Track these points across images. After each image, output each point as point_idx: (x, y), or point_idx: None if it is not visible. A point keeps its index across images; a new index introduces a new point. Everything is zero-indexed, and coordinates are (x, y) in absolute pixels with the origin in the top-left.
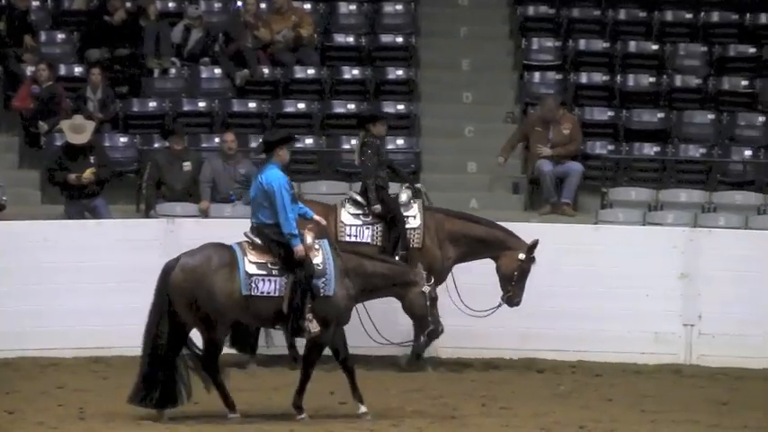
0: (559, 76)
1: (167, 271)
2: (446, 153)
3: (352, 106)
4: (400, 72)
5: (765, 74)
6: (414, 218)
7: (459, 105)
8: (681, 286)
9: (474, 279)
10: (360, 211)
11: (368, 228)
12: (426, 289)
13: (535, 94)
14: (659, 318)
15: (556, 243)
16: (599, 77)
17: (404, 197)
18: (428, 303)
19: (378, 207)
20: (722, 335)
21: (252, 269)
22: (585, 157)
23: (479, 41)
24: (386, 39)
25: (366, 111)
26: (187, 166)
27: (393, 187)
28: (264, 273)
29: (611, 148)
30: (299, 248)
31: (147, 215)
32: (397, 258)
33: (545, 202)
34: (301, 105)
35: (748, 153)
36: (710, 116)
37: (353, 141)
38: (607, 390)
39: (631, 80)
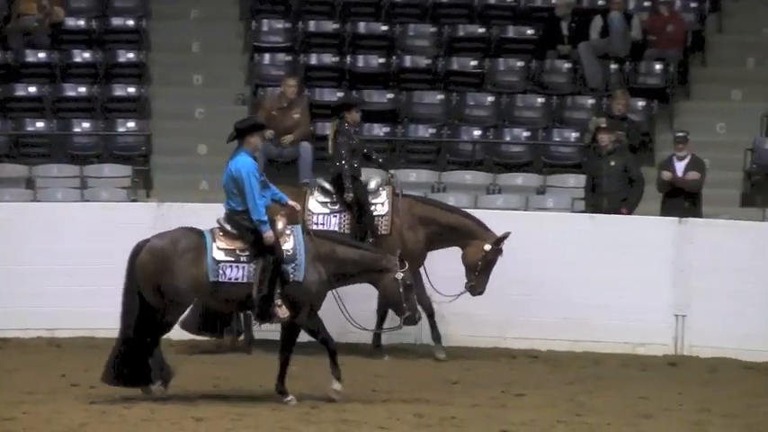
0: (289, 58)
1: (136, 252)
2: (177, 135)
3: (83, 89)
4: (131, 55)
5: (493, 54)
6: (382, 205)
7: (190, 88)
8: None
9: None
10: (328, 200)
11: (335, 216)
12: (399, 275)
13: (265, 75)
14: None
15: None
16: (329, 58)
17: (372, 184)
18: (401, 290)
19: (350, 195)
20: (454, 314)
21: (220, 256)
22: (317, 138)
23: (209, 23)
24: (116, 22)
25: (340, 99)
26: None
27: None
28: (233, 259)
29: None
30: (268, 234)
31: None
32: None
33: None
34: (32, 89)
35: (477, 133)
36: (440, 96)
37: (129, 124)
38: None
39: (361, 61)
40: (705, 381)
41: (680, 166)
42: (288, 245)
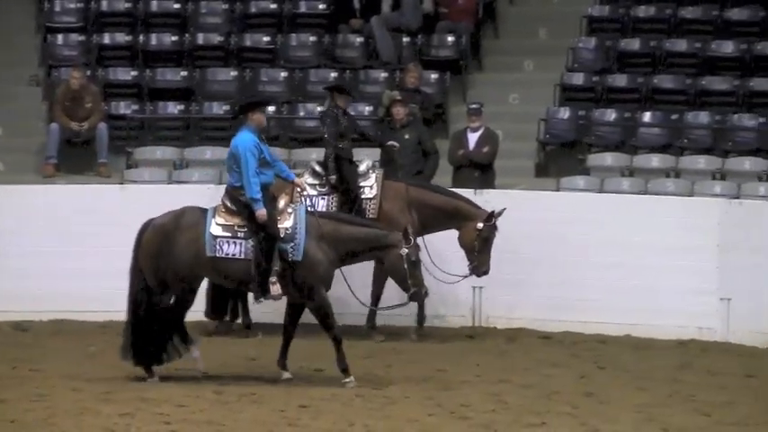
0: (83, 38)
1: (142, 230)
2: None
3: None
4: None
5: (286, 29)
6: (370, 188)
7: None
8: None
9: None
10: (317, 182)
11: (323, 198)
12: (404, 251)
13: (59, 56)
14: None
15: (77, 205)
16: (122, 38)
17: (362, 167)
18: (406, 266)
19: (333, 177)
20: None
21: (217, 231)
22: (111, 117)
23: (1, 4)
24: None
25: (332, 81)
26: None
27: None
28: (230, 235)
29: (135, 107)
30: (260, 212)
31: None
32: None
33: (46, 162)
34: None
35: (272, 109)
36: (233, 73)
37: None
38: None
39: (154, 39)
40: (502, 352)
41: (473, 139)
42: (287, 223)
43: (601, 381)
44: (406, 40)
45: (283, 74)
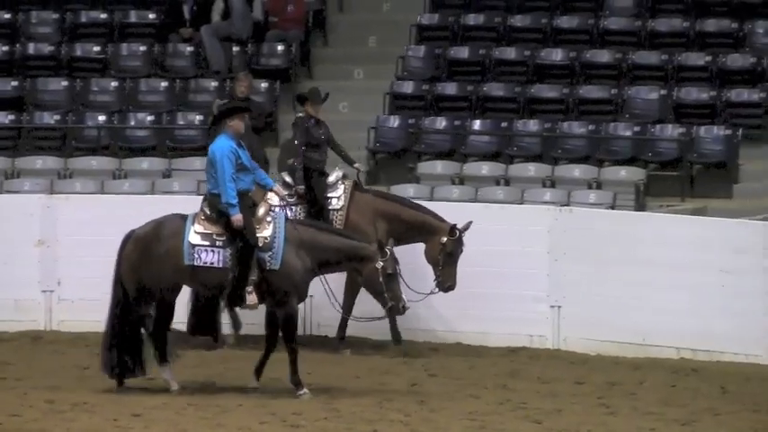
0: None
1: (125, 240)
2: None
3: None
4: None
5: (117, 39)
6: (337, 199)
7: None
8: (38, 253)
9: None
10: (286, 192)
11: (290, 209)
12: (380, 264)
13: None
14: (18, 285)
15: None
16: None
17: (332, 178)
18: (382, 279)
19: (301, 187)
20: (81, 300)
21: (195, 240)
22: None
23: None
24: None
25: (304, 91)
26: None
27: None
28: (208, 243)
29: None
30: (236, 218)
31: None
32: None
33: None
34: None
35: (102, 118)
36: (64, 83)
37: None
38: None
39: None
40: (334, 360)
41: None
42: (266, 232)
43: (432, 388)
44: (236, 49)
45: (114, 83)
